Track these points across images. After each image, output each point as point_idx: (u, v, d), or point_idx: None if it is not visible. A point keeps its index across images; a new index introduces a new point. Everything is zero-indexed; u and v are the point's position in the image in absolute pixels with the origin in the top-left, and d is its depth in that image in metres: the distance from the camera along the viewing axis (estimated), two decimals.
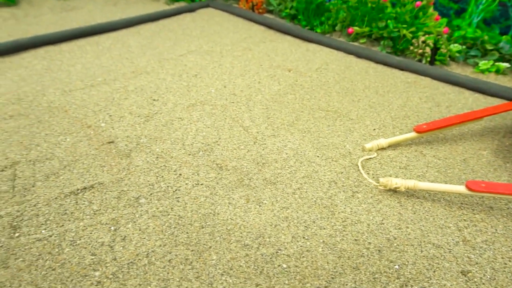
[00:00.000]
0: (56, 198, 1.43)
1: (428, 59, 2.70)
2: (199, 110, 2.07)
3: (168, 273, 1.15)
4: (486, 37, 2.85)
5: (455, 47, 2.79)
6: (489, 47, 2.79)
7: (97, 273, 1.15)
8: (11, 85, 2.28)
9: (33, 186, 1.49)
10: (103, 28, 3.24)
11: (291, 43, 3.15)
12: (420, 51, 2.71)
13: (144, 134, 1.84)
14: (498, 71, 2.64)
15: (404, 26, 2.77)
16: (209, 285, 1.12)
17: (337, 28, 3.31)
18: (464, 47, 2.85)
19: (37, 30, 3.23)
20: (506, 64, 2.63)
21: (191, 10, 3.85)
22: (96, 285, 1.11)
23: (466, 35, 2.88)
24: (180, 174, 1.57)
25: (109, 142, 1.77)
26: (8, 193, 1.46)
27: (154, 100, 2.16)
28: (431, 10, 2.80)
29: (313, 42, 3.15)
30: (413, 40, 2.78)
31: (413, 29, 2.76)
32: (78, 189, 1.47)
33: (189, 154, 1.70)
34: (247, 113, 2.06)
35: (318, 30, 3.33)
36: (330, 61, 2.81)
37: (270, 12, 3.83)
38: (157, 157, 1.67)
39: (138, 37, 3.16)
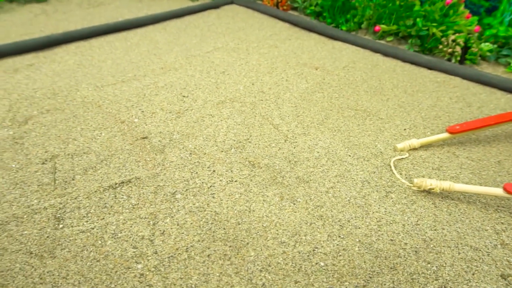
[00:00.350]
0: (95, 191, 1.47)
1: (458, 58, 2.66)
2: (228, 107, 2.09)
3: (208, 268, 1.18)
4: None
5: (486, 46, 2.74)
6: None
7: (139, 266, 1.18)
8: (46, 79, 2.34)
9: (73, 179, 1.54)
10: (130, 24, 3.29)
11: (316, 40, 3.14)
12: (450, 50, 2.67)
13: (177, 130, 1.87)
14: None
15: (434, 24, 2.73)
16: (249, 281, 1.14)
17: (363, 26, 3.28)
18: (495, 46, 2.79)
19: (67, 26, 3.31)
20: None
21: (215, 6, 3.87)
22: (139, 278, 1.15)
23: (498, 34, 2.83)
24: (214, 171, 1.60)
25: (143, 138, 1.80)
26: (50, 185, 1.50)
27: (184, 96, 2.19)
28: (462, 8, 2.75)
29: (339, 40, 3.13)
30: (443, 39, 2.74)
31: (443, 27, 2.72)
32: (116, 183, 1.51)
33: (222, 151, 1.72)
34: (276, 111, 2.07)
35: (344, 28, 3.31)
36: (357, 59, 2.79)
37: (295, 9, 3.82)
38: (191, 153, 1.70)
39: (165, 33, 3.20)
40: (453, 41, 2.68)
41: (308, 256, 1.23)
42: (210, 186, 1.51)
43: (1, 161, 1.64)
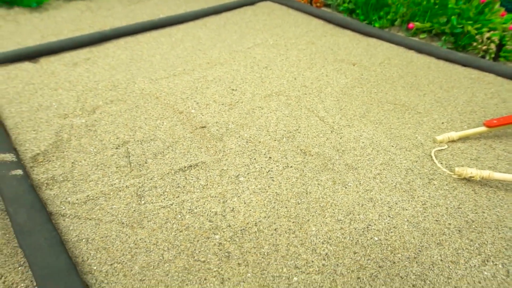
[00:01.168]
0: (167, 173, 1.67)
1: (492, 55, 2.75)
2: (275, 100, 2.26)
3: (276, 239, 1.36)
4: None
5: None
6: None
7: (217, 236, 1.37)
8: (104, 73, 2.56)
9: (145, 163, 1.74)
10: (173, 21, 3.49)
11: (351, 37, 3.26)
12: (485, 47, 2.76)
13: (231, 121, 2.05)
14: None
15: (469, 22, 2.82)
16: (313, 250, 1.32)
17: (396, 23, 3.38)
18: None
19: (113, 22, 3.52)
20: None
21: (251, 3, 4.03)
22: (218, 246, 1.33)
23: None
24: (270, 157, 1.77)
25: (202, 127, 1.99)
26: (127, 167, 1.71)
27: (233, 90, 2.37)
28: (497, 6, 2.83)
29: (373, 37, 3.25)
30: (477, 36, 2.83)
31: (478, 25, 2.81)
32: (185, 167, 1.70)
33: (275, 140, 1.89)
34: (320, 104, 2.23)
35: (377, 25, 3.42)
36: (392, 56, 2.91)
37: (328, 6, 3.94)
38: (247, 142, 1.88)
39: (206, 29, 3.38)
40: (488, 38, 2.78)
41: (363, 232, 1.39)
42: (269, 171, 1.69)
43: (80, 145, 1.85)
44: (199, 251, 1.32)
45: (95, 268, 1.26)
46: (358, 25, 3.36)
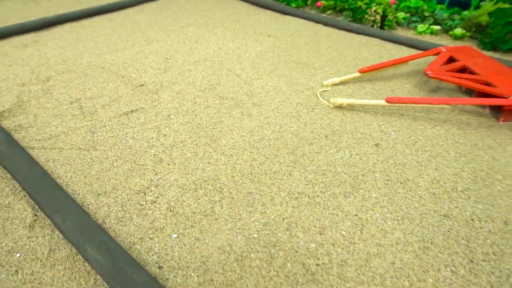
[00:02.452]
0: (114, 117, 2.15)
1: (379, 24, 3.45)
2: (202, 65, 2.78)
3: (196, 149, 1.90)
4: (425, 7, 3.60)
5: (400, 15, 3.53)
6: (426, 14, 3.54)
7: (152, 151, 1.88)
8: (53, 51, 2.95)
9: (95, 111, 2.20)
10: (113, 7, 3.89)
11: (271, 16, 3.85)
12: (372, 18, 3.45)
13: (165, 80, 2.55)
14: (432, 32, 3.40)
15: None
16: (222, 153, 1.87)
17: (308, 2, 4.01)
18: (408, 14, 3.60)
19: (57, 11, 3.86)
20: (438, 27, 3.39)
21: None
22: (153, 156, 1.85)
23: (410, 5, 3.63)
24: (195, 102, 2.30)
25: (141, 85, 2.48)
26: (81, 115, 2.16)
27: (167, 59, 2.86)
28: None
29: (289, 15, 3.85)
30: (367, 10, 3.51)
31: (367, 1, 3.49)
32: (128, 111, 2.19)
33: (199, 91, 2.42)
34: (238, 65, 2.78)
35: (293, 5, 4.03)
36: (302, 29, 3.52)
37: None
38: (177, 93, 2.39)
39: (144, 14, 3.82)
40: (375, 11, 3.46)
41: (259, 140, 1.96)
42: (193, 110, 2.21)
43: (39, 104, 2.27)
44: (139, 159, 1.82)
45: (62, 175, 1.73)
46: (277, 5, 3.96)
